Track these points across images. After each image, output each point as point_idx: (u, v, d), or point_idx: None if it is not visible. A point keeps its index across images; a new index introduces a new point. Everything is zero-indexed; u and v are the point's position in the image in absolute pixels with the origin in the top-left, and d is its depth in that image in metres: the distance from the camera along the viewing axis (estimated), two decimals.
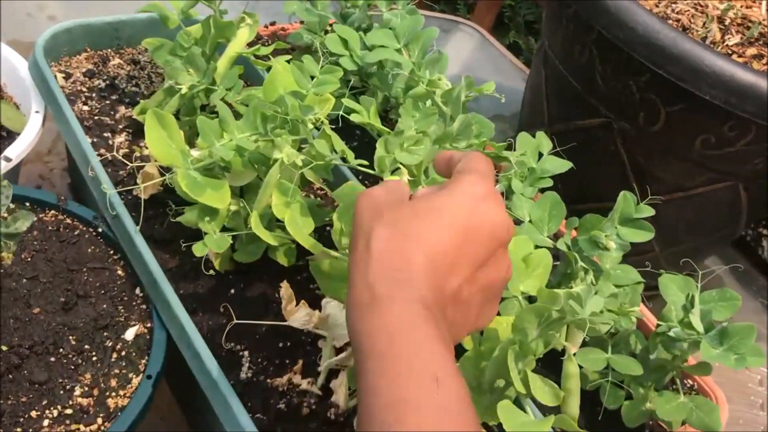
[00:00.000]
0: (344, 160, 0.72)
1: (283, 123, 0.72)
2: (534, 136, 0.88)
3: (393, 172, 0.67)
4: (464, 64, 1.64)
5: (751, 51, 1.07)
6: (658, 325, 0.78)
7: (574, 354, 0.70)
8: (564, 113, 1.08)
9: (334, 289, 0.70)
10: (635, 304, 0.81)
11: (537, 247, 0.79)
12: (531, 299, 0.72)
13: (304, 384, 0.74)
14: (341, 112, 0.77)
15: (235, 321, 0.72)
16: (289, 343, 0.78)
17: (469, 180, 0.48)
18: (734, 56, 1.05)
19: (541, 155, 0.89)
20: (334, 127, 0.76)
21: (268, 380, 0.75)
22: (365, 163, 0.70)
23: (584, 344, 0.82)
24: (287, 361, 0.77)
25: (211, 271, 0.81)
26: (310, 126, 0.72)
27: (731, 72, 0.84)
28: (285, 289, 0.71)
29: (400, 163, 0.67)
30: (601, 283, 0.82)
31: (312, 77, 0.78)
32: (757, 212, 1.08)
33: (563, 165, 0.88)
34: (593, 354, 0.80)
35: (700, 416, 0.76)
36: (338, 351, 0.75)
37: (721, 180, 0.98)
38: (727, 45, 1.06)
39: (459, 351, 0.68)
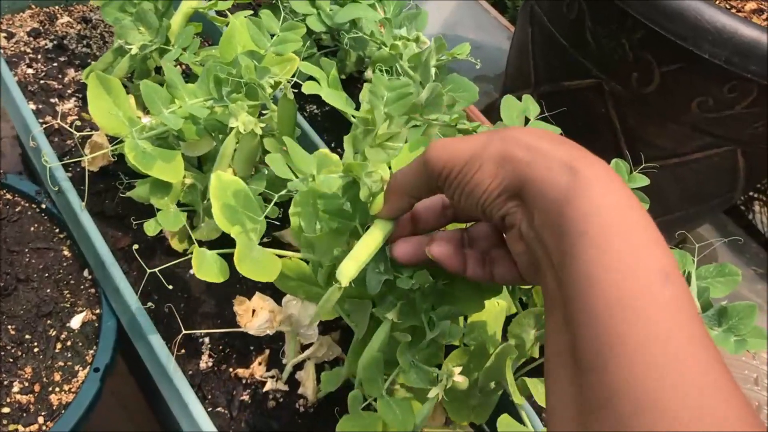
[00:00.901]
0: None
1: (239, 87, 0.65)
2: (520, 99, 0.82)
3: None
4: (445, 21, 1.56)
5: (751, 5, 1.00)
6: None
7: None
8: (551, 74, 1.00)
9: (293, 288, 0.63)
10: None
11: None
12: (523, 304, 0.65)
13: (269, 378, 0.68)
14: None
15: (183, 333, 0.64)
16: None
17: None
18: (733, 10, 0.98)
19: (527, 120, 0.83)
20: (296, 91, 0.69)
21: (230, 370, 0.69)
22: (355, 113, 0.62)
23: None
24: (251, 348, 0.70)
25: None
26: (269, 90, 0.64)
27: (734, 28, 0.77)
28: (239, 305, 0.64)
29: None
30: None
31: (273, 35, 0.70)
32: (755, 179, 1.02)
33: (551, 130, 0.81)
34: None
35: None
36: (303, 347, 0.69)
37: (718, 145, 0.92)
38: None
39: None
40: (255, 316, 0.63)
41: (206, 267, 0.56)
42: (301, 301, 0.64)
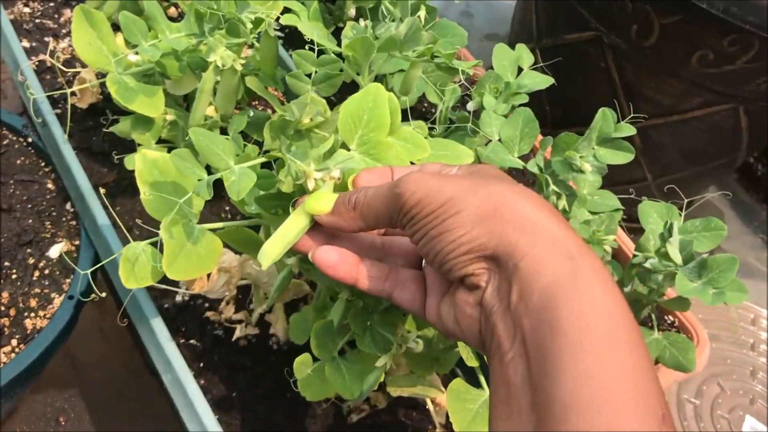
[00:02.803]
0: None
1: (219, 22, 0.65)
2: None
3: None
4: None
5: None
6: (634, 256, 0.71)
7: None
8: (553, 27, 0.99)
9: (246, 250, 0.60)
10: (611, 233, 0.74)
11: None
12: None
13: (238, 325, 0.68)
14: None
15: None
16: None
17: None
18: None
19: (521, 70, 0.81)
20: (283, 34, 0.68)
21: (206, 304, 0.69)
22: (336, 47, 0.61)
23: None
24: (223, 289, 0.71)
25: None
26: (249, 26, 0.64)
27: None
28: None
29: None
30: (575, 209, 0.75)
31: None
32: (758, 140, 0.99)
33: (544, 81, 0.79)
34: None
35: (674, 354, 0.70)
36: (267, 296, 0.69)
37: (719, 102, 0.89)
38: None
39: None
40: (210, 279, 0.63)
41: (137, 272, 0.50)
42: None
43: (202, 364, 0.66)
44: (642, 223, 0.72)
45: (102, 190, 0.62)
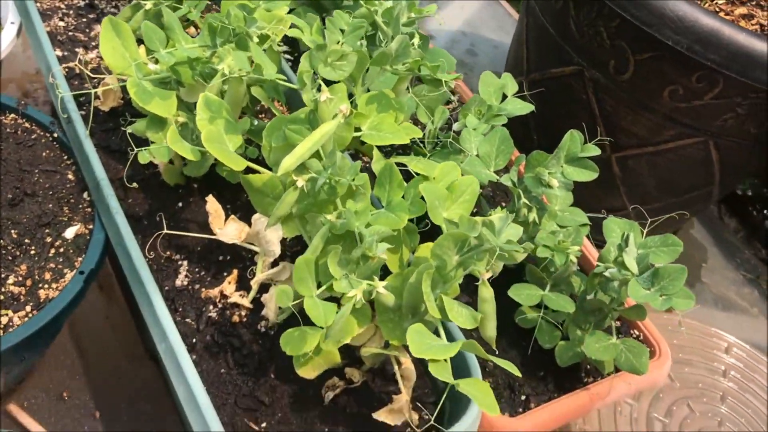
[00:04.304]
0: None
1: (230, 36, 0.73)
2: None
3: (318, 90, 0.66)
4: (467, 20, 1.63)
5: (741, 10, 1.05)
6: (597, 266, 0.77)
7: (489, 279, 0.69)
8: (541, 61, 1.07)
9: (264, 205, 0.71)
10: (577, 244, 0.80)
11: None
12: None
13: (236, 296, 0.76)
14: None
15: (165, 231, 0.73)
16: (228, 257, 0.79)
17: None
18: (721, 14, 1.03)
19: (505, 97, 0.89)
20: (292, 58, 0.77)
21: (203, 289, 0.76)
22: (282, 78, 0.71)
23: (524, 281, 0.82)
24: (225, 274, 0.78)
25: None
26: (255, 39, 0.72)
27: (694, 17, 0.82)
28: (211, 204, 0.72)
29: (323, 80, 0.67)
30: (545, 221, 0.82)
31: None
32: (732, 174, 1.06)
33: (525, 107, 0.87)
34: (528, 290, 0.80)
35: (629, 358, 0.76)
36: (272, 266, 0.76)
37: (690, 135, 0.96)
38: (716, 3, 1.03)
39: (386, 273, 0.69)
40: (226, 224, 0.71)
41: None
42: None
43: (195, 340, 0.72)
44: (606, 236, 0.78)
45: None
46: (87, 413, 0.85)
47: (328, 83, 0.69)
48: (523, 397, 0.79)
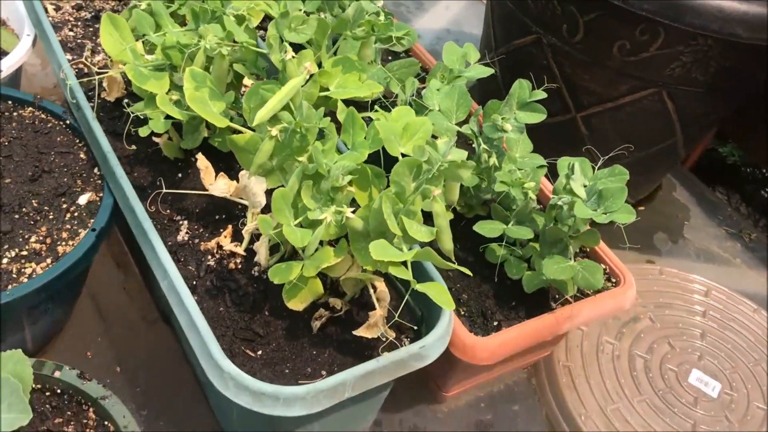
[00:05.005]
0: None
1: (211, 18, 0.84)
2: (487, 65, 0.97)
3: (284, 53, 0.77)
4: (452, 18, 1.74)
5: None
6: (552, 198, 0.86)
7: (451, 209, 0.78)
8: (505, 36, 1.16)
9: (248, 161, 0.80)
10: (534, 182, 0.89)
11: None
12: None
13: (231, 246, 0.85)
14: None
15: (165, 190, 0.84)
16: (224, 216, 0.89)
17: None
18: None
19: (468, 64, 0.98)
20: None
21: (202, 243, 0.86)
22: (253, 42, 0.81)
23: (488, 218, 0.91)
24: (221, 230, 0.88)
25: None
26: (232, 19, 0.83)
27: None
28: (201, 161, 0.82)
29: (288, 43, 0.77)
30: (504, 164, 0.90)
31: None
32: (694, 125, 1.13)
33: (485, 71, 0.96)
34: (492, 225, 0.88)
35: (585, 276, 0.84)
36: None
37: (643, 87, 1.05)
38: None
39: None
40: (216, 180, 0.81)
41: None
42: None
43: (195, 283, 0.82)
44: (559, 171, 0.87)
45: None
46: (110, 370, 0.94)
47: (297, 50, 0.80)
48: (495, 323, 0.87)
